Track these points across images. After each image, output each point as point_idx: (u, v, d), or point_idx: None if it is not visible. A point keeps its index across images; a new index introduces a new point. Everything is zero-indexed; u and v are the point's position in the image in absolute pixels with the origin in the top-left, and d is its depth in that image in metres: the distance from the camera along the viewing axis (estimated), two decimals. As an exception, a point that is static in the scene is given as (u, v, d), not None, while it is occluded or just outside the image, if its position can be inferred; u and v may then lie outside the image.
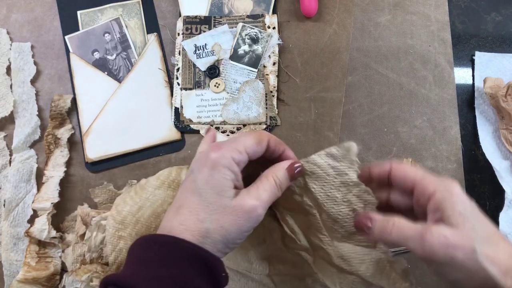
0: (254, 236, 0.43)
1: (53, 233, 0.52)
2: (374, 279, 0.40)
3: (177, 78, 0.58)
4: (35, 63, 0.59)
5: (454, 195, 0.33)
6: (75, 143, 0.57)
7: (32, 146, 0.57)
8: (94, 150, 0.56)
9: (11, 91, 0.58)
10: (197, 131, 0.57)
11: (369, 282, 0.41)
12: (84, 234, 0.51)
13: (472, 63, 0.59)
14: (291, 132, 0.56)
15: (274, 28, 0.58)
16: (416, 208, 0.36)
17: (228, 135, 0.56)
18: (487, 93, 0.56)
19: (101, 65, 0.59)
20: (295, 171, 0.37)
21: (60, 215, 0.54)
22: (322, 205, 0.39)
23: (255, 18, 0.59)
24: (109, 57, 0.59)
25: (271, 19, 0.58)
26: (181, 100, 0.57)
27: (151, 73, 0.58)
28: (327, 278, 0.42)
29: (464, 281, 0.32)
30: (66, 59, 0.59)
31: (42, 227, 0.51)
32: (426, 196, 0.34)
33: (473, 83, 0.58)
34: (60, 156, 0.55)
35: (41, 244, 0.52)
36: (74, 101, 0.58)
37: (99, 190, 0.54)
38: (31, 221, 0.53)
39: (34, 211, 0.53)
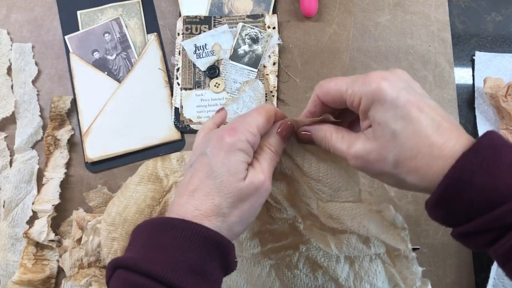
0: None
1: (52, 235, 0.51)
2: (368, 232, 0.39)
3: (177, 78, 0.58)
4: (36, 63, 0.59)
5: (375, 100, 0.31)
6: (75, 143, 0.57)
7: (34, 146, 0.57)
8: (94, 150, 0.56)
9: (12, 92, 0.58)
10: (197, 131, 0.56)
11: (365, 237, 0.41)
12: (80, 239, 0.50)
13: (472, 63, 0.59)
14: (291, 132, 0.56)
15: (274, 28, 0.58)
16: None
17: (228, 135, 0.56)
18: (487, 93, 0.56)
19: (101, 65, 0.59)
20: (285, 132, 0.37)
21: (60, 216, 0.54)
22: (301, 167, 0.39)
23: (255, 18, 0.59)
24: (109, 57, 0.59)
25: (271, 19, 0.58)
26: (181, 100, 0.57)
27: (151, 73, 0.58)
28: (320, 241, 0.42)
29: (393, 185, 0.33)
30: (66, 59, 0.59)
31: (41, 229, 0.51)
32: (356, 109, 0.33)
33: (473, 83, 0.58)
34: (60, 157, 0.55)
35: (38, 246, 0.52)
36: (74, 101, 0.58)
37: (93, 194, 0.54)
38: (30, 222, 0.53)
39: (34, 212, 0.53)
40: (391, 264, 0.42)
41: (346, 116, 0.38)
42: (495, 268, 0.51)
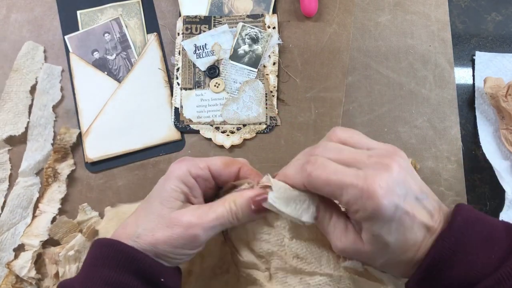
0: (218, 265, 0.41)
1: (33, 273, 0.50)
2: (338, 271, 0.36)
3: (177, 78, 0.58)
4: (61, 89, 0.58)
5: (373, 218, 0.29)
6: (75, 144, 0.57)
7: (38, 173, 0.55)
8: (94, 150, 0.56)
9: (29, 112, 0.56)
10: (197, 131, 0.56)
11: (336, 277, 0.36)
12: (57, 273, 0.50)
13: (472, 63, 0.59)
14: (291, 132, 0.56)
15: (274, 28, 0.58)
16: None
17: (228, 135, 0.56)
18: (488, 93, 0.56)
19: (101, 65, 0.59)
20: (260, 206, 0.33)
21: (61, 209, 0.54)
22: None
23: (255, 18, 0.58)
24: (109, 57, 0.59)
25: (271, 19, 0.58)
26: (181, 100, 0.57)
27: (151, 73, 0.58)
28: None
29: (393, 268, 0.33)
30: (66, 59, 0.59)
31: (24, 264, 0.50)
32: (348, 212, 0.32)
33: (474, 83, 0.58)
34: (57, 191, 0.54)
35: (19, 278, 0.51)
36: (74, 101, 0.58)
37: (55, 227, 0.52)
38: (18, 249, 0.52)
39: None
40: None
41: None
42: None
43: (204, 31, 0.59)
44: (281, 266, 0.37)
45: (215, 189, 0.38)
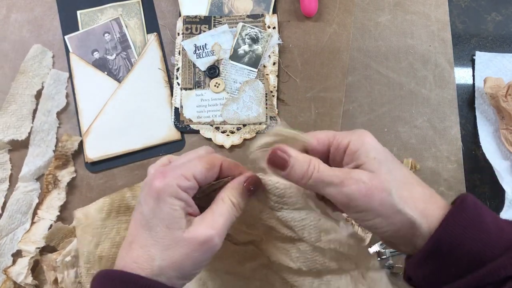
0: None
1: (30, 279, 0.50)
2: (321, 243, 0.37)
3: (177, 78, 0.58)
4: (66, 95, 0.58)
5: (366, 143, 0.32)
6: (76, 151, 0.56)
7: (38, 178, 0.55)
8: (94, 150, 0.56)
9: (33, 117, 0.56)
10: (197, 131, 0.56)
11: (320, 248, 0.38)
12: (56, 279, 0.50)
13: (472, 63, 0.59)
14: (291, 132, 0.56)
15: (274, 28, 0.58)
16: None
17: (228, 135, 0.56)
18: (488, 93, 0.56)
19: (101, 65, 0.59)
20: (252, 186, 0.35)
21: (60, 216, 0.54)
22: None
23: (255, 18, 0.58)
24: (109, 57, 0.59)
25: (271, 19, 0.58)
26: (181, 100, 0.57)
27: (151, 73, 0.58)
28: (281, 257, 0.39)
29: (382, 226, 0.31)
30: (66, 59, 0.59)
31: (21, 270, 0.50)
32: (342, 150, 0.33)
33: (474, 83, 0.58)
34: (56, 198, 0.53)
35: (16, 284, 0.51)
36: (74, 101, 0.58)
37: (51, 234, 0.51)
38: (17, 254, 0.52)
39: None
40: (361, 281, 0.40)
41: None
42: None
43: (204, 31, 0.59)
44: (277, 236, 0.39)
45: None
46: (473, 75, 0.59)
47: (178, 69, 0.58)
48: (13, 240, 0.53)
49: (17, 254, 0.52)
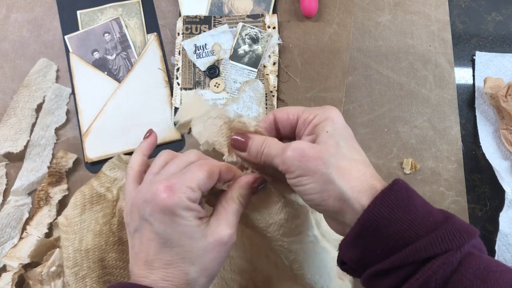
0: None
1: None
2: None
3: (177, 78, 0.58)
4: (66, 112, 0.58)
5: (328, 118, 0.34)
6: (75, 144, 0.57)
7: (30, 193, 0.54)
8: (94, 150, 0.56)
9: (31, 130, 0.55)
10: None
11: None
12: None
13: (472, 63, 0.59)
14: (291, 132, 0.56)
15: (274, 28, 0.58)
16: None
17: (228, 135, 0.56)
18: (488, 93, 0.56)
19: (101, 65, 0.59)
20: (256, 184, 0.36)
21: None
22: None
23: (255, 18, 0.58)
24: (109, 57, 0.59)
25: (271, 19, 0.58)
26: (181, 100, 0.57)
27: (151, 73, 0.58)
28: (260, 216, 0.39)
29: (315, 193, 0.32)
30: (66, 59, 0.59)
31: (5, 286, 0.49)
32: (307, 124, 0.35)
33: (474, 83, 0.58)
34: (47, 215, 0.53)
35: None
36: (74, 101, 0.58)
37: (34, 252, 0.50)
38: (4, 269, 0.51)
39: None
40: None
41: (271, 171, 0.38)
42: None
43: (204, 31, 0.59)
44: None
45: None
46: (473, 75, 0.59)
47: (178, 69, 0.58)
48: (1, 254, 0.51)
49: (4, 269, 0.51)
